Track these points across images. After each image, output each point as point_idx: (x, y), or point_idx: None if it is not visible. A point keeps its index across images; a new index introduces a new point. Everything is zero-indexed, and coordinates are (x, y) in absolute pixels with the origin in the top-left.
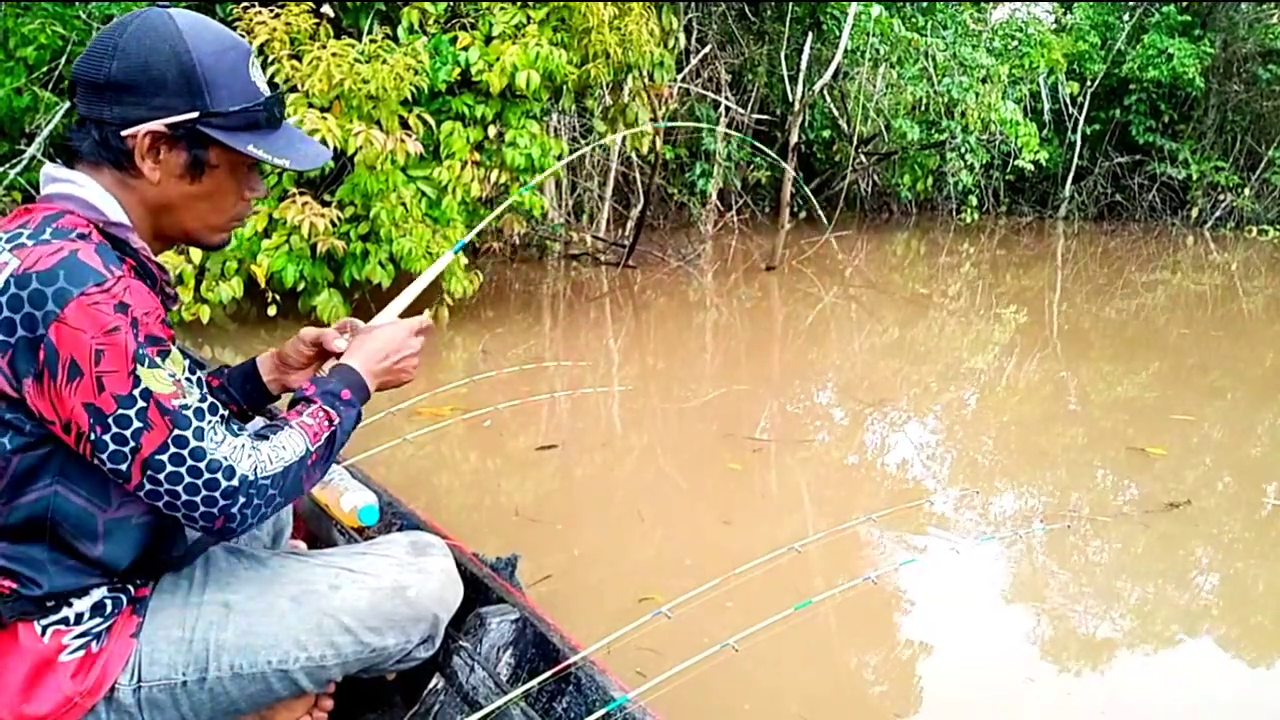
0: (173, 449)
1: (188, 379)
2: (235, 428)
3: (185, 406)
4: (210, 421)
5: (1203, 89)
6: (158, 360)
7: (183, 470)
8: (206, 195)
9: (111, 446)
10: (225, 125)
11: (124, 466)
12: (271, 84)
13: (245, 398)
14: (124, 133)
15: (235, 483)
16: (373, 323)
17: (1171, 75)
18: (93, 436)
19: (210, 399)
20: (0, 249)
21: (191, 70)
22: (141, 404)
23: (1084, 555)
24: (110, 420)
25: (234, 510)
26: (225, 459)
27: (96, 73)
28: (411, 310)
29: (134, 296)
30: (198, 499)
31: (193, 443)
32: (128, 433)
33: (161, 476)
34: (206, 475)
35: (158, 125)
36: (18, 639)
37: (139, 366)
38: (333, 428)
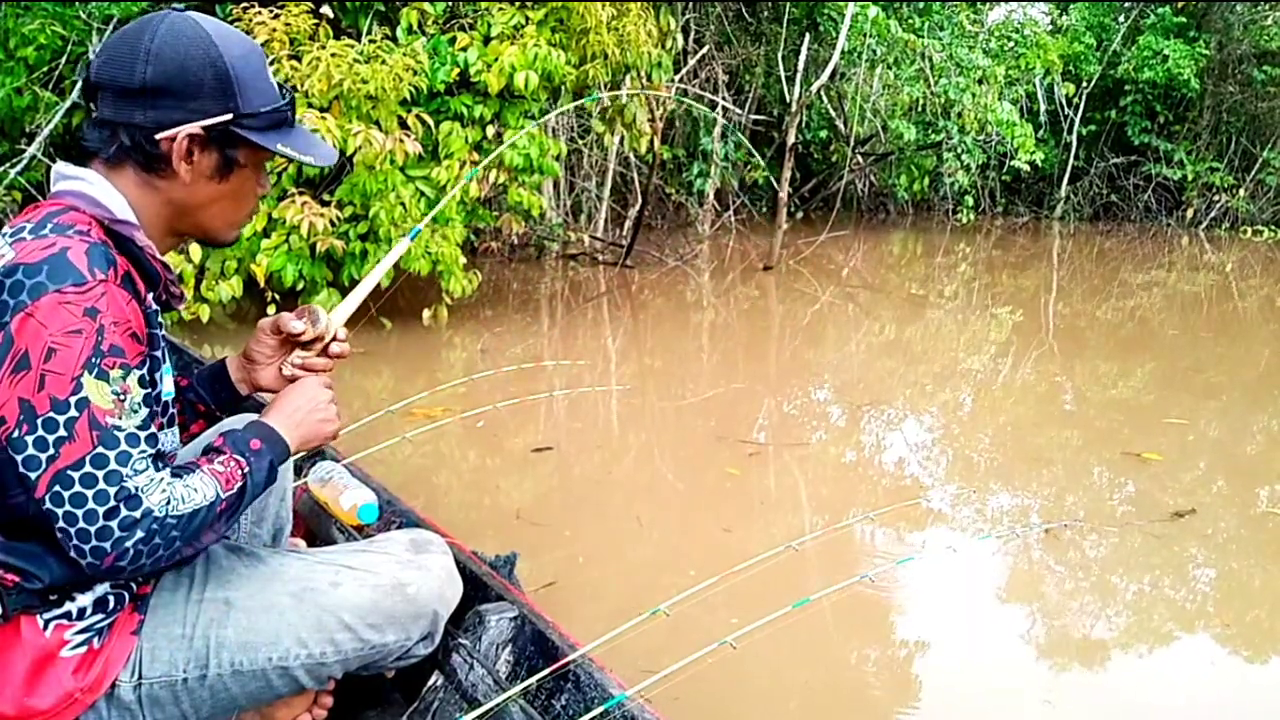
0: (88, 467)
1: (138, 403)
2: (161, 464)
3: (118, 428)
4: (140, 451)
5: (1198, 90)
6: (108, 372)
7: (90, 492)
8: (232, 194)
9: (30, 450)
10: (255, 126)
11: (35, 474)
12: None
13: (214, 398)
14: (159, 136)
15: (137, 514)
16: (336, 309)
17: (1167, 76)
18: (15, 434)
19: (151, 430)
20: (4, 241)
21: (225, 73)
22: (74, 413)
23: (1080, 554)
24: (39, 421)
25: (128, 545)
26: (137, 490)
27: (129, 78)
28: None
29: (108, 304)
30: (93, 528)
31: (112, 465)
32: (50, 438)
33: (68, 494)
34: (112, 502)
35: (194, 128)
36: (20, 633)
37: (86, 374)
38: (244, 479)
